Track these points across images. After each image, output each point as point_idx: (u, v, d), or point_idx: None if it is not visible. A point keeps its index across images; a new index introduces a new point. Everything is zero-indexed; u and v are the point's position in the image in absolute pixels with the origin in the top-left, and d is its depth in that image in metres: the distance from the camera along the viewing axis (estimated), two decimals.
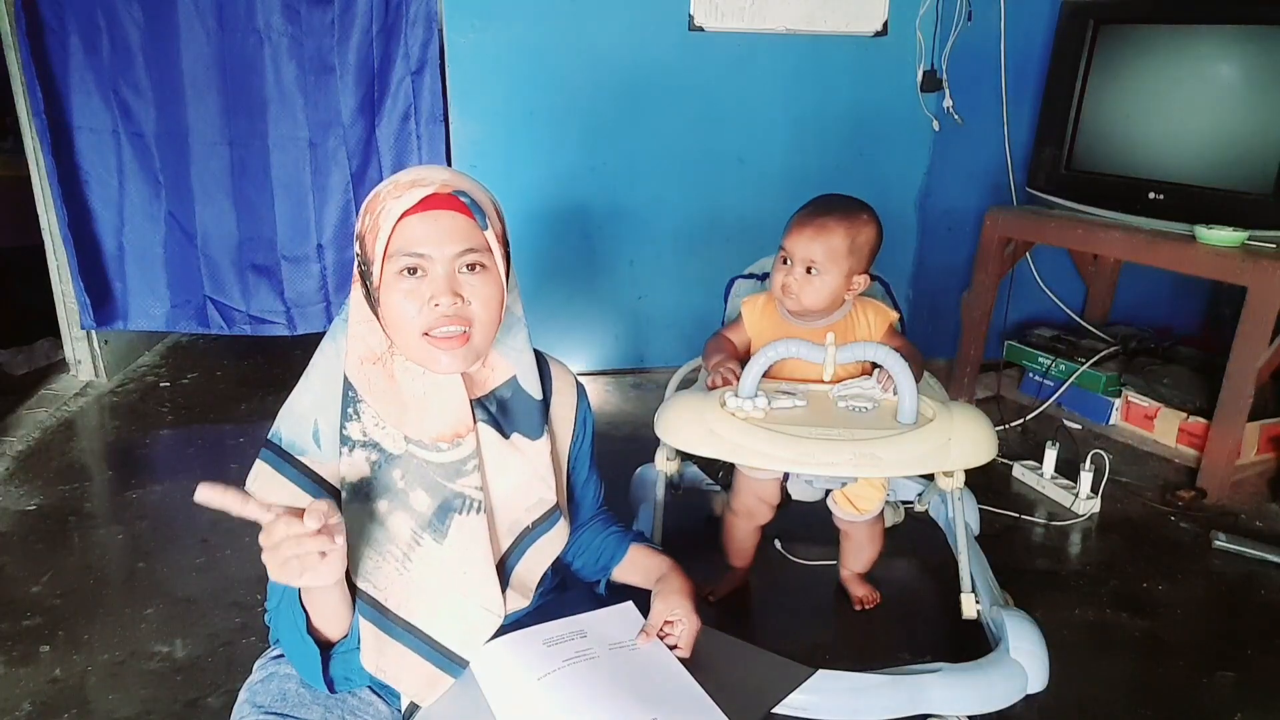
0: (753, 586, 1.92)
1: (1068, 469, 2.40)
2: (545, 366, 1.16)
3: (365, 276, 0.99)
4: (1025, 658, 1.55)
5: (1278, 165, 2.31)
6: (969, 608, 1.72)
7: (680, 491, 2.09)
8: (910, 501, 2.18)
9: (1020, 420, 2.87)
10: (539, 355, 1.14)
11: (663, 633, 1.09)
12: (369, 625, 0.99)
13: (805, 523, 1.89)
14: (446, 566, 1.02)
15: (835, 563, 1.92)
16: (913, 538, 2.10)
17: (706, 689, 1.02)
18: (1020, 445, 2.71)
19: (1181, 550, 2.15)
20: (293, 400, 1.02)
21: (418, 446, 1.01)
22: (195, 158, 2.88)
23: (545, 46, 2.85)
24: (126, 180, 2.86)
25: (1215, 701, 1.63)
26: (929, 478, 2.04)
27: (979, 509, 2.19)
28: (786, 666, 1.10)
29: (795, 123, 3.05)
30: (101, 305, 2.93)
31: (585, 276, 3.14)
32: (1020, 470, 2.49)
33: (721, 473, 1.83)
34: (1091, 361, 2.84)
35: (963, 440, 1.51)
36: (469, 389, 1.04)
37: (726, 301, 1.93)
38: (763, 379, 1.57)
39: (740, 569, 1.89)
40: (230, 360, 3.33)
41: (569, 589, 1.24)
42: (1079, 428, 2.82)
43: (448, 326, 0.97)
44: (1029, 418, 2.87)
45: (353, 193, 2.96)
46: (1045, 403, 2.90)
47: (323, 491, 0.99)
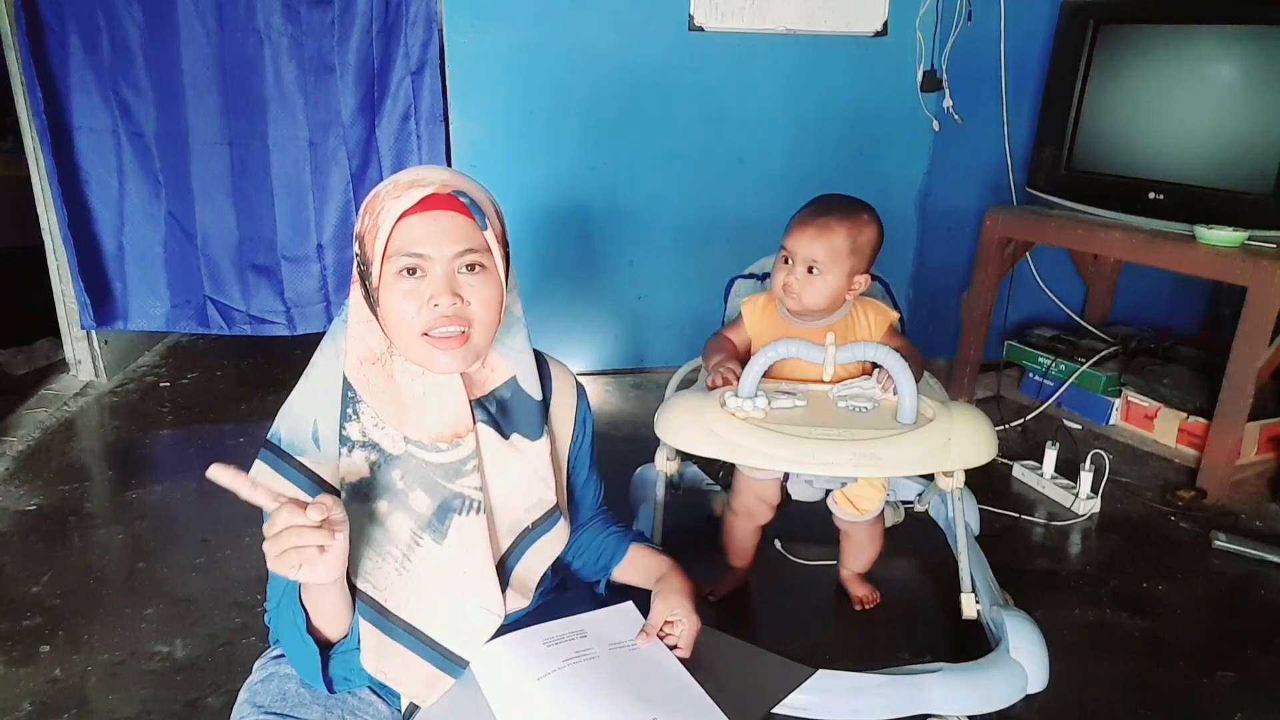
0: (753, 586, 1.92)
1: (1068, 469, 2.40)
2: (545, 366, 1.16)
3: (364, 277, 0.99)
4: (1025, 658, 1.56)
5: (1278, 165, 2.31)
6: (969, 608, 1.72)
7: (680, 491, 2.09)
8: (910, 501, 2.18)
9: (1020, 420, 2.87)
10: (538, 355, 1.14)
11: (663, 633, 1.09)
12: (369, 626, 0.99)
13: (805, 523, 1.89)
14: (446, 567, 1.02)
15: (835, 563, 1.92)
16: (913, 538, 2.10)
17: (706, 689, 1.02)
18: (1020, 445, 2.71)
19: (1181, 550, 2.15)
20: (292, 400, 1.02)
21: (417, 447, 1.01)
22: (195, 158, 2.88)
23: (545, 46, 2.85)
24: (126, 180, 2.86)
25: (1215, 701, 1.63)
26: (929, 478, 2.04)
27: (979, 509, 2.19)
28: (786, 666, 1.10)
29: (795, 123, 3.05)
30: (101, 305, 2.93)
31: (585, 276, 3.14)
32: (1020, 470, 2.49)
33: (721, 473, 1.83)
34: (1091, 361, 2.84)
35: (963, 440, 1.51)
36: (468, 389, 1.04)
37: (726, 301, 1.93)
38: (763, 379, 1.57)
39: (740, 569, 1.89)
40: (230, 360, 3.33)
41: (569, 589, 1.24)
42: (1079, 428, 2.82)
43: (447, 327, 0.97)
44: (1029, 418, 2.87)
45: (353, 193, 2.96)
46: (1045, 403, 2.90)
47: (322, 492, 0.99)
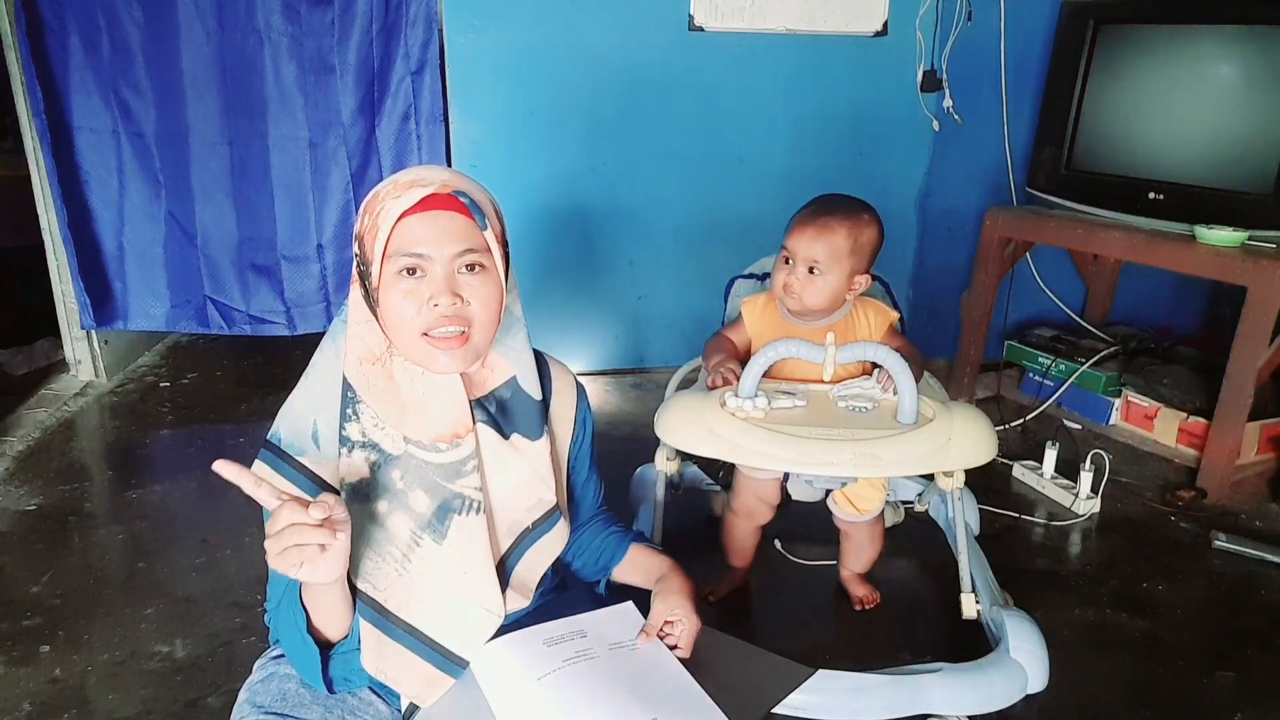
0: (753, 586, 1.92)
1: (1068, 469, 2.40)
2: (545, 366, 1.16)
3: (364, 277, 0.99)
4: (1025, 658, 1.56)
5: (1278, 165, 2.31)
6: (969, 608, 1.72)
7: (680, 491, 2.08)
8: (910, 501, 2.18)
9: (1020, 420, 2.87)
10: (538, 355, 1.14)
11: (663, 633, 1.09)
12: (369, 626, 0.99)
13: (805, 523, 1.89)
14: (446, 567, 1.02)
15: (835, 563, 1.92)
16: (913, 538, 2.10)
17: (706, 689, 1.02)
18: (1020, 445, 2.71)
19: (1181, 550, 2.15)
20: (292, 401, 1.02)
21: (417, 447, 1.01)
22: (195, 158, 2.88)
23: (545, 46, 2.85)
24: (126, 180, 2.86)
25: (1215, 701, 1.63)
26: (929, 478, 2.04)
27: (979, 509, 2.19)
28: (786, 666, 1.10)
29: (795, 123, 3.05)
30: (101, 305, 2.93)
31: (585, 276, 3.14)
32: (1020, 470, 2.49)
33: (721, 473, 1.83)
34: (1091, 361, 2.83)
35: (963, 440, 1.51)
36: (468, 389, 1.04)
37: (726, 301, 1.93)
38: (763, 379, 1.57)
39: (740, 569, 1.89)
40: (230, 360, 3.33)
41: (569, 589, 1.24)
42: (1079, 428, 2.82)
43: (447, 327, 0.97)
44: (1029, 418, 2.87)
45: (353, 193, 2.96)
46: (1045, 403, 2.90)
47: (322, 492, 0.98)
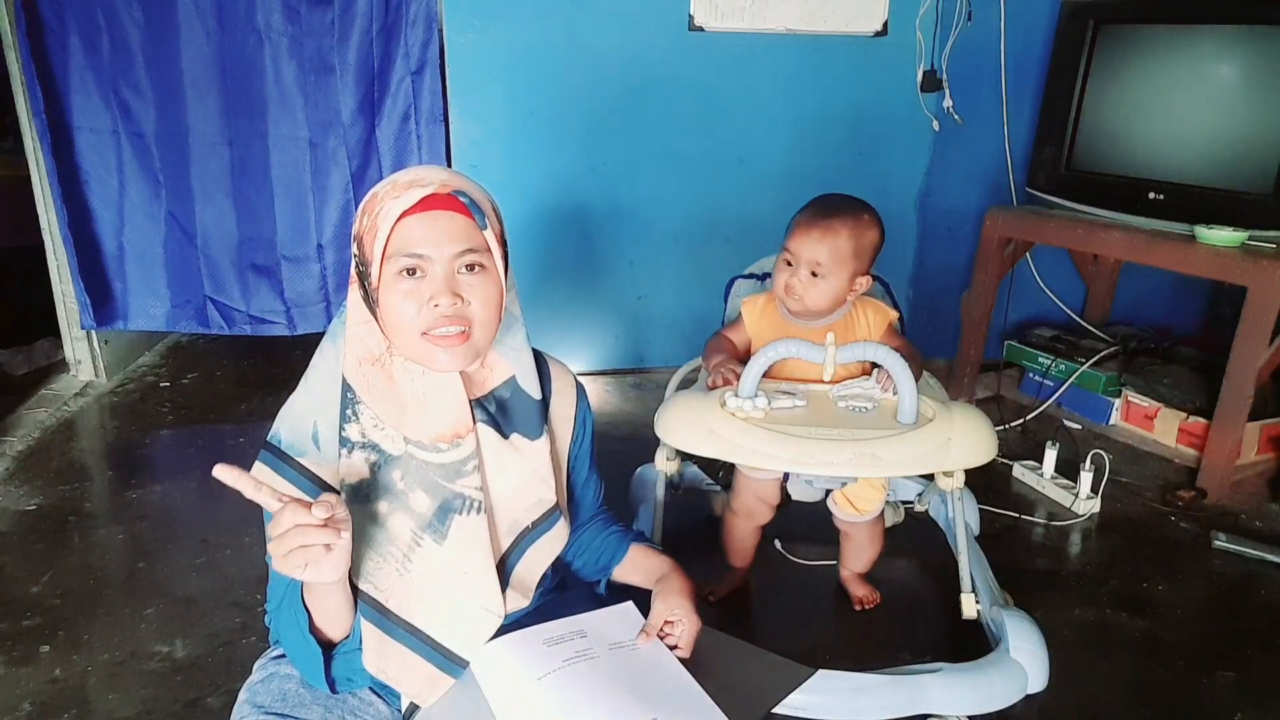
0: (753, 586, 1.92)
1: (1068, 469, 2.40)
2: (544, 366, 1.16)
3: (363, 277, 0.99)
4: (1025, 658, 1.56)
5: (1278, 165, 2.31)
6: (969, 608, 1.72)
7: (680, 491, 2.08)
8: (910, 501, 2.18)
9: (1020, 420, 2.87)
10: (538, 355, 1.14)
11: (663, 633, 1.09)
12: (370, 626, 0.99)
13: (805, 523, 1.89)
14: (447, 567, 1.02)
15: (835, 563, 1.92)
16: (913, 538, 2.10)
17: (706, 689, 1.02)
18: (1020, 445, 2.71)
19: (1181, 550, 2.15)
20: (292, 401, 1.02)
21: (417, 447, 1.01)
22: (195, 158, 2.88)
23: (545, 46, 2.85)
24: (126, 180, 2.86)
25: (1215, 701, 1.63)
26: (929, 478, 2.04)
27: (979, 509, 2.19)
28: (786, 666, 1.10)
29: (795, 123, 3.05)
30: (101, 305, 2.93)
31: (585, 276, 3.14)
32: (1020, 470, 2.49)
33: (721, 473, 1.83)
34: (1091, 361, 2.83)
35: (963, 440, 1.51)
36: (468, 389, 1.03)
37: (726, 301, 1.93)
38: (763, 379, 1.57)
39: (740, 569, 1.89)
40: (230, 360, 3.33)
41: (569, 589, 1.24)
42: (1079, 428, 2.82)
43: (447, 327, 0.97)
44: (1029, 418, 2.87)
45: (353, 193, 2.96)
46: (1045, 403, 2.90)
47: (322, 493, 0.99)
